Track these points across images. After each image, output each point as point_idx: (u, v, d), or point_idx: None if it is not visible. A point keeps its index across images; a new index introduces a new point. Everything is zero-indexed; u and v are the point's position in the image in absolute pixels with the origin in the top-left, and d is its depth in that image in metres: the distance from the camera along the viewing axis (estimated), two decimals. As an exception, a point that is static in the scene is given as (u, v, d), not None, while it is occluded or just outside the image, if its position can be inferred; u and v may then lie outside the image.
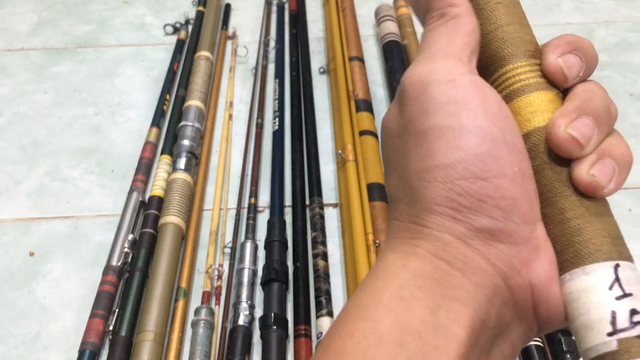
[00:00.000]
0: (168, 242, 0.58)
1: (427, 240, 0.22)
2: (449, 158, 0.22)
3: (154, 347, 0.50)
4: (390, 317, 0.20)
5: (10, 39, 0.94)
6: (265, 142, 0.73)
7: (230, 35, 0.91)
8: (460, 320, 0.20)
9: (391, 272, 0.22)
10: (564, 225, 0.23)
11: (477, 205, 0.22)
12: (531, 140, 0.25)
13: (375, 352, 0.20)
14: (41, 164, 0.72)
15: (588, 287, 0.22)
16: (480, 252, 0.22)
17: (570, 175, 0.23)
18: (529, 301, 0.23)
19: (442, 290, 0.21)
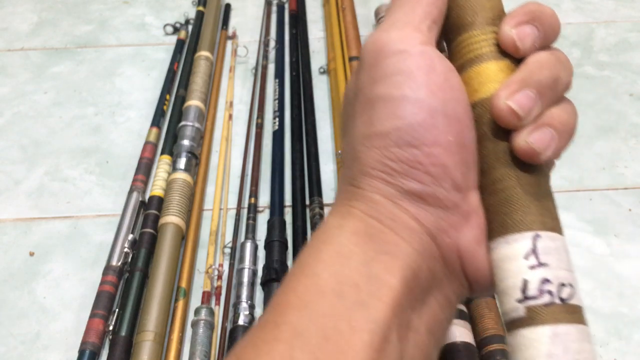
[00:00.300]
0: (168, 242, 0.58)
1: (361, 201, 0.24)
2: (386, 126, 0.23)
3: (154, 347, 0.50)
4: (329, 272, 0.22)
5: (10, 39, 0.94)
6: (265, 142, 0.73)
7: (230, 35, 0.91)
8: (392, 270, 0.22)
9: (330, 233, 0.24)
10: (495, 195, 0.24)
11: (407, 171, 0.23)
12: (476, 110, 0.25)
13: (316, 302, 0.21)
14: (41, 164, 0.72)
15: (507, 256, 0.23)
16: (408, 212, 0.24)
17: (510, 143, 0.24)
18: (457, 262, 0.24)
19: (375, 246, 0.23)
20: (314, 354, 0.20)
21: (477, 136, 0.25)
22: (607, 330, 0.53)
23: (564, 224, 0.24)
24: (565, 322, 0.21)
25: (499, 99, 0.23)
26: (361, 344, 0.20)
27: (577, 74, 0.86)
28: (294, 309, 0.21)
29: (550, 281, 0.22)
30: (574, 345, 0.21)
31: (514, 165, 0.24)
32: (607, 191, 0.66)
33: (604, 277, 0.57)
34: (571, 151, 0.70)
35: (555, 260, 0.23)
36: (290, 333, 0.21)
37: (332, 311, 0.21)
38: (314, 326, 0.21)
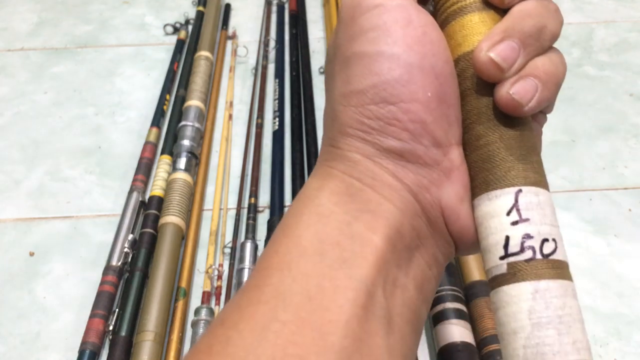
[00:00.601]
0: (168, 242, 0.58)
1: (340, 161, 0.24)
2: (363, 83, 0.23)
3: (154, 347, 0.50)
4: (311, 232, 0.22)
5: (10, 39, 0.94)
6: (265, 142, 0.73)
7: (230, 35, 0.91)
8: (374, 228, 0.22)
9: (310, 195, 0.24)
10: (478, 151, 0.24)
11: (385, 128, 0.23)
12: (460, 65, 0.25)
13: (298, 262, 0.21)
14: (41, 164, 0.72)
15: (489, 212, 0.23)
16: (388, 170, 0.23)
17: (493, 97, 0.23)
18: (441, 219, 0.24)
19: (356, 205, 0.23)
20: (298, 313, 0.20)
21: (461, 91, 0.24)
22: (607, 330, 0.53)
23: (564, 224, 0.24)
24: (548, 278, 0.21)
25: (480, 51, 0.23)
26: (345, 301, 0.20)
27: (577, 74, 0.87)
28: (276, 270, 0.21)
29: (532, 236, 0.22)
30: (556, 300, 0.21)
31: (497, 119, 0.23)
32: (607, 191, 0.66)
33: (604, 277, 0.57)
34: (571, 151, 0.71)
35: (538, 215, 0.22)
36: (273, 294, 0.20)
37: (315, 270, 0.21)
38: (297, 286, 0.20)
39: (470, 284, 0.53)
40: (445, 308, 0.50)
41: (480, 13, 0.24)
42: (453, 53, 0.25)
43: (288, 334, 0.19)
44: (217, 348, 0.20)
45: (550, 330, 0.20)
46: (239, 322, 0.20)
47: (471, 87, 0.24)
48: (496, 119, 0.23)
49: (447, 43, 0.25)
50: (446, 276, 0.52)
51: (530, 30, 0.23)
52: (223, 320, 0.21)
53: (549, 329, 0.20)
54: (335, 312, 0.20)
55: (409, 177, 0.23)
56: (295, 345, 0.19)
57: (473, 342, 0.48)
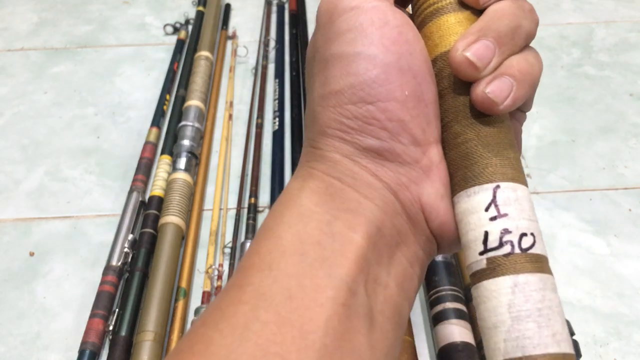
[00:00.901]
0: (168, 242, 0.58)
1: (320, 161, 0.24)
2: (341, 84, 0.23)
3: (154, 347, 0.50)
4: (292, 232, 0.22)
5: (10, 39, 0.94)
6: (265, 142, 0.73)
7: (230, 35, 0.91)
8: (354, 227, 0.22)
9: (291, 195, 0.24)
10: (456, 149, 0.24)
11: (363, 127, 0.23)
12: (437, 65, 0.25)
13: (279, 263, 0.21)
14: (41, 164, 0.72)
15: (468, 209, 0.23)
16: (367, 169, 0.24)
17: (470, 95, 0.24)
18: (421, 216, 0.25)
19: (337, 204, 0.23)
20: (279, 313, 0.20)
21: (439, 90, 0.25)
22: (607, 330, 0.53)
23: (564, 223, 0.24)
24: (526, 272, 0.21)
25: (456, 51, 0.23)
26: (325, 299, 0.20)
27: (577, 74, 0.87)
28: (257, 270, 0.22)
29: (510, 231, 0.22)
30: (535, 294, 0.21)
31: (473, 118, 0.24)
32: (607, 191, 0.66)
33: (604, 277, 0.57)
34: (571, 151, 0.71)
35: (516, 211, 0.22)
36: (253, 294, 0.21)
37: (295, 270, 0.21)
38: (278, 286, 0.21)
39: (470, 284, 0.53)
40: (445, 308, 0.50)
41: (456, 14, 0.25)
42: (431, 53, 0.25)
43: (269, 333, 0.20)
44: (199, 347, 0.20)
45: (530, 324, 0.20)
46: (220, 321, 0.20)
47: (448, 86, 0.24)
48: (473, 117, 0.24)
49: (425, 44, 0.25)
50: (446, 276, 0.52)
51: (505, 30, 0.23)
52: (204, 320, 0.21)
53: (529, 322, 0.20)
54: (316, 310, 0.20)
55: (388, 176, 0.24)
56: (276, 344, 0.19)
57: (473, 342, 0.48)
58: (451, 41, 0.24)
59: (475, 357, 0.47)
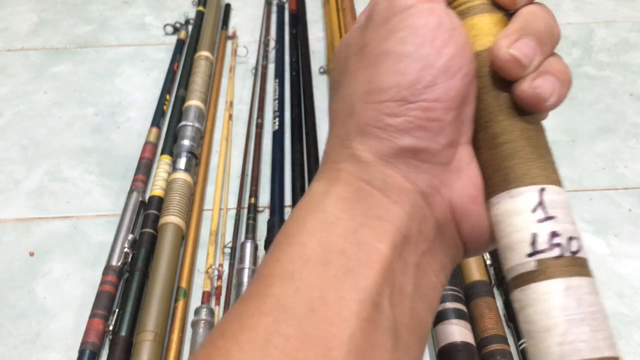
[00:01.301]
0: (168, 242, 0.58)
1: (350, 161, 0.23)
2: (388, 82, 0.23)
3: (154, 347, 0.50)
4: (315, 240, 0.21)
5: (10, 39, 0.94)
6: (265, 142, 0.73)
7: (230, 35, 0.91)
8: (381, 235, 0.22)
9: (315, 200, 0.23)
10: (496, 149, 0.24)
11: (403, 126, 0.23)
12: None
13: (302, 272, 0.21)
14: (41, 164, 0.72)
15: (512, 210, 0.23)
16: (400, 171, 0.23)
17: (513, 93, 0.23)
18: (450, 220, 0.24)
19: (363, 210, 0.22)
20: (301, 326, 0.19)
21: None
22: (607, 330, 0.53)
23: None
24: (576, 275, 0.21)
25: (501, 48, 0.23)
26: (349, 314, 0.20)
27: (577, 74, 0.87)
28: (279, 279, 0.21)
29: (559, 234, 0.22)
30: (587, 297, 0.21)
31: (516, 117, 0.24)
32: (607, 191, 0.66)
33: (604, 277, 0.57)
34: (571, 151, 0.71)
35: (562, 214, 0.22)
36: (274, 305, 0.20)
37: (318, 281, 0.20)
38: (300, 297, 0.20)
39: (470, 284, 0.53)
40: (445, 308, 0.50)
41: (490, 15, 0.25)
42: None
43: (290, 349, 0.19)
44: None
45: (585, 327, 0.20)
46: (239, 333, 0.20)
47: (487, 85, 0.24)
48: (515, 117, 0.24)
49: None
50: (446, 276, 0.52)
51: (544, 30, 0.24)
52: (223, 330, 0.21)
53: (583, 325, 0.20)
54: (340, 325, 0.19)
55: (421, 178, 0.23)
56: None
57: (473, 342, 0.48)
58: (487, 41, 0.24)
59: (475, 357, 0.47)
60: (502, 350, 0.48)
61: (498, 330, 0.49)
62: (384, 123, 0.23)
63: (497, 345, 0.48)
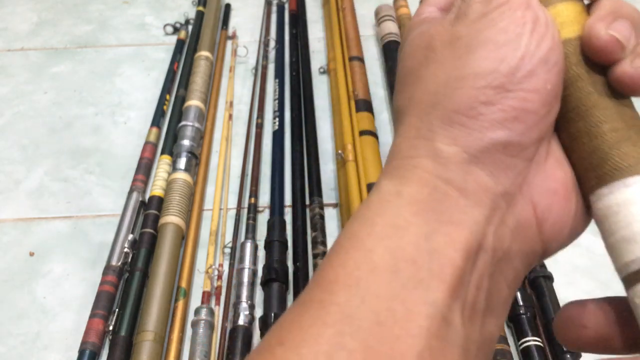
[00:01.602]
0: (168, 242, 0.58)
1: (429, 157, 0.22)
2: (484, 68, 0.22)
3: (154, 347, 0.50)
4: (384, 246, 0.20)
5: (10, 39, 0.94)
6: (265, 142, 0.73)
7: (230, 35, 0.91)
8: (455, 244, 0.20)
9: (385, 201, 0.22)
10: (601, 138, 0.23)
11: (497, 115, 0.22)
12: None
13: (368, 280, 0.19)
14: (41, 164, 0.72)
15: (630, 199, 0.21)
16: (485, 167, 0.22)
17: (612, 77, 0.23)
18: (532, 219, 0.23)
19: (438, 214, 0.21)
20: (366, 341, 0.18)
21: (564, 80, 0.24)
22: (607, 330, 0.53)
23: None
24: None
25: (599, 31, 0.22)
26: (418, 330, 0.18)
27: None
28: (343, 287, 0.19)
29: None
30: None
31: (616, 102, 0.23)
32: (607, 191, 0.66)
33: (604, 277, 0.57)
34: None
35: None
36: (339, 315, 0.19)
37: (386, 291, 0.19)
38: (366, 308, 0.19)
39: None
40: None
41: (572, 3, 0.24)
42: None
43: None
44: None
45: None
46: (301, 345, 0.19)
47: (580, 73, 0.24)
48: (615, 102, 0.23)
49: None
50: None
51: (634, 13, 0.23)
52: (282, 339, 0.19)
53: None
54: (408, 342, 0.18)
55: (506, 176, 0.22)
56: None
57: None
58: (575, 29, 0.24)
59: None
60: (502, 350, 0.48)
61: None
62: (476, 111, 0.22)
63: (497, 345, 0.48)
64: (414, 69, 0.25)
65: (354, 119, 0.70)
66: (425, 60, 0.24)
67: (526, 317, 0.51)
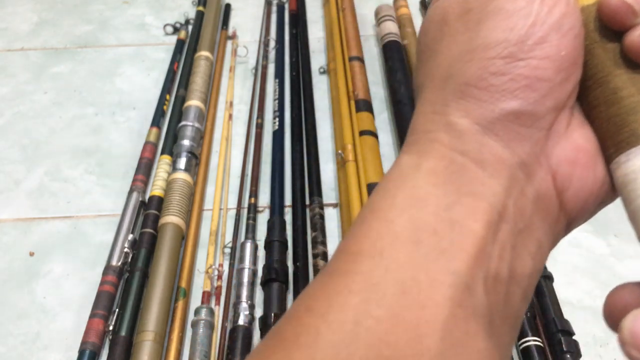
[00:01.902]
0: (168, 242, 0.58)
1: (444, 131, 0.22)
2: (493, 38, 0.22)
3: (154, 347, 0.50)
4: (405, 217, 0.20)
5: (10, 39, 0.94)
6: (265, 142, 0.73)
7: (230, 35, 0.91)
8: (476, 214, 0.20)
9: (404, 174, 0.22)
10: (619, 104, 0.23)
11: (508, 85, 0.21)
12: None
13: (391, 251, 0.19)
14: (41, 164, 0.72)
15: None
16: (499, 138, 0.22)
17: (624, 44, 0.22)
18: (551, 189, 0.22)
19: (457, 186, 0.21)
20: (392, 308, 0.18)
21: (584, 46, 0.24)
22: (607, 330, 0.53)
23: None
24: None
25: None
26: (442, 298, 0.18)
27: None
28: (367, 257, 0.20)
29: None
30: None
31: (635, 69, 0.23)
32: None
33: (604, 277, 0.57)
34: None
35: None
36: (364, 284, 0.19)
37: (409, 261, 0.19)
38: (391, 277, 0.19)
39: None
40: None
41: None
42: None
43: (382, 332, 0.18)
44: (306, 340, 0.18)
45: None
46: (328, 312, 0.19)
47: (597, 40, 0.23)
48: (633, 70, 0.23)
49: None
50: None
51: None
52: (309, 306, 0.20)
53: None
54: (433, 310, 0.18)
55: (521, 146, 0.22)
56: (389, 346, 0.18)
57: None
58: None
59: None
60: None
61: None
62: (487, 83, 0.22)
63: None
64: (430, 44, 0.25)
65: (354, 119, 0.70)
66: (440, 34, 0.24)
67: (526, 317, 0.51)
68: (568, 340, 0.49)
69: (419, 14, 0.96)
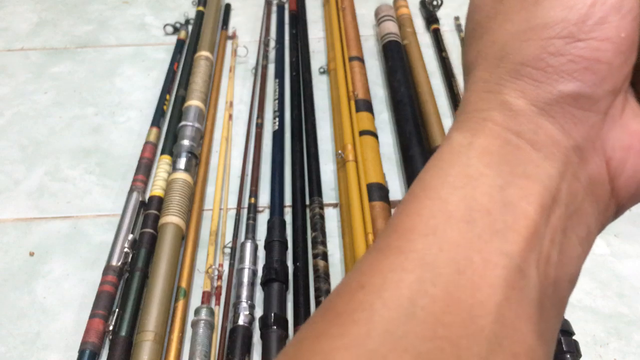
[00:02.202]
0: (168, 242, 0.58)
1: (498, 110, 0.22)
2: (553, 16, 0.21)
3: (154, 347, 0.50)
4: (458, 196, 0.20)
5: (10, 39, 0.94)
6: (265, 142, 0.73)
7: (230, 35, 0.91)
8: (529, 197, 0.20)
9: (456, 152, 0.21)
10: None
11: (567, 66, 0.21)
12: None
13: (444, 229, 0.19)
14: (41, 164, 0.72)
15: None
16: (555, 121, 0.21)
17: None
18: (604, 175, 0.22)
19: (511, 167, 0.20)
20: (447, 288, 0.18)
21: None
22: (607, 330, 0.53)
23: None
24: None
25: None
26: (496, 279, 0.18)
27: None
28: (420, 235, 0.19)
29: None
30: None
31: None
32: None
33: (604, 277, 0.57)
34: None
35: None
36: (418, 262, 0.19)
37: (463, 240, 0.19)
38: (445, 257, 0.19)
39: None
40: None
41: None
42: None
43: (438, 312, 0.18)
44: (361, 316, 0.18)
45: None
46: (382, 289, 0.19)
47: None
48: None
49: None
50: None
51: None
52: (362, 283, 0.19)
53: None
54: (487, 291, 0.18)
55: (576, 129, 0.21)
56: (444, 326, 0.17)
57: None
58: None
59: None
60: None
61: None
62: (545, 63, 0.21)
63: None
64: (482, 21, 0.25)
65: (354, 119, 0.70)
66: (494, 12, 0.24)
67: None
68: (568, 340, 0.49)
69: (419, 13, 0.96)
